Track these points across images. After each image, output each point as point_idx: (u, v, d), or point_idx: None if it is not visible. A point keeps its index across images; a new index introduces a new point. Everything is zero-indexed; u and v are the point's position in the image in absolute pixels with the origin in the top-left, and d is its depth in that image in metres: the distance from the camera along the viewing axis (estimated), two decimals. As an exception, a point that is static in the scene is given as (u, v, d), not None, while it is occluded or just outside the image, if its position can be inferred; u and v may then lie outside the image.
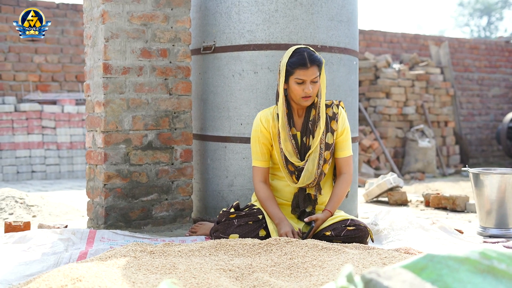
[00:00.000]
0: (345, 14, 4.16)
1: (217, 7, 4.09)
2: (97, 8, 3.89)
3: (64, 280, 2.28)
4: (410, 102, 11.24)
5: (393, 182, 5.62)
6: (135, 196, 3.91)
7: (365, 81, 11.41)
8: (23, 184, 7.94)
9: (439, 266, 1.61)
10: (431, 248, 3.23)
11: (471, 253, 1.69)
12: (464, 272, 1.64)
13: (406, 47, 12.90)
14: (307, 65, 3.22)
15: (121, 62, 3.85)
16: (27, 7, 8.91)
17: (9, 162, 8.39)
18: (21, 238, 3.40)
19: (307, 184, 3.34)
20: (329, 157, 3.36)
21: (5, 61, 8.86)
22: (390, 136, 10.99)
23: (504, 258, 1.75)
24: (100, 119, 3.86)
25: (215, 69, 4.11)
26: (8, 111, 8.37)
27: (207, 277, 2.43)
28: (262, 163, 3.42)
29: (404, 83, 11.20)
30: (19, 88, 8.95)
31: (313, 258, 2.75)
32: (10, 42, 8.88)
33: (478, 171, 3.90)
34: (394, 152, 11.01)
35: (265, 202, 3.34)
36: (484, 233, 3.88)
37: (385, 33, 12.65)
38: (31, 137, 8.52)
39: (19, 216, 4.34)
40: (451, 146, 11.91)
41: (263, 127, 3.40)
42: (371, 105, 11.19)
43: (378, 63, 11.38)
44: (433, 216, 4.79)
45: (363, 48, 12.22)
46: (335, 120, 3.37)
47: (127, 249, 2.80)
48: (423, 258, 1.61)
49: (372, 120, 11.09)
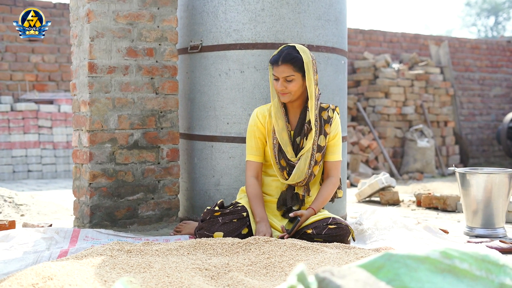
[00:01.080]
0: (332, 13, 4.15)
1: (204, 6, 4.09)
2: (82, 7, 3.89)
3: (35, 279, 2.28)
4: (409, 102, 11.21)
5: (385, 181, 5.61)
6: (121, 195, 3.91)
7: (364, 80, 11.40)
8: (19, 183, 7.96)
9: (396, 265, 1.60)
10: (412, 248, 3.22)
11: (432, 252, 1.68)
12: (423, 271, 1.63)
13: (406, 47, 12.86)
14: (278, 62, 3.30)
15: (107, 61, 3.85)
16: (24, 7, 8.93)
17: (5, 161, 8.41)
18: (4, 236, 3.40)
19: (297, 182, 3.37)
20: (320, 159, 3.40)
21: (2, 61, 8.87)
22: (389, 136, 10.97)
23: (466, 257, 1.74)
24: (85, 118, 3.86)
25: (202, 68, 4.11)
26: (4, 110, 8.39)
27: (181, 276, 2.43)
28: (256, 157, 3.46)
29: (403, 83, 11.18)
30: (15, 88, 8.97)
31: (290, 258, 2.75)
32: (7, 42, 8.89)
33: (464, 170, 3.89)
34: (393, 152, 10.99)
35: (253, 199, 3.36)
36: (470, 233, 3.87)
37: (385, 33, 12.62)
38: (27, 137, 8.53)
39: (7, 215, 4.34)
40: (451, 146, 11.88)
41: (259, 122, 3.45)
42: (370, 105, 11.17)
43: (377, 62, 11.36)
44: (423, 216, 4.78)
45: (362, 47, 12.19)
46: (329, 123, 3.41)
47: (104, 248, 2.80)
48: (381, 257, 1.61)
49: (371, 120, 11.07)
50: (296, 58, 3.30)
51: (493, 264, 1.77)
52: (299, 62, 3.29)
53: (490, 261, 1.77)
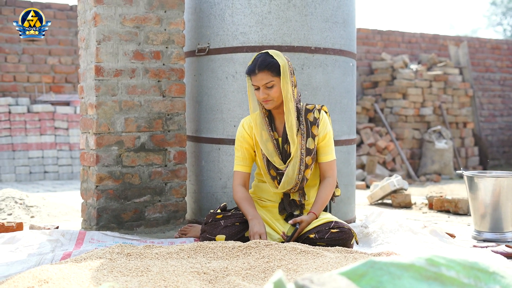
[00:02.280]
0: (340, 16, 4.14)
1: (211, 9, 4.09)
2: (89, 10, 3.91)
3: (31, 282, 2.30)
4: (427, 103, 11.14)
5: (396, 184, 5.58)
6: (128, 197, 3.93)
7: (381, 81, 11.34)
8: (35, 184, 8.03)
9: (379, 272, 1.58)
10: (416, 252, 3.20)
11: (417, 259, 1.66)
12: (407, 279, 1.61)
13: (425, 47, 12.77)
14: (255, 71, 3.28)
15: (113, 64, 3.87)
16: (41, 9, 9.01)
17: (22, 162, 8.49)
18: (10, 238, 3.43)
19: (288, 189, 3.35)
20: (311, 162, 3.36)
21: (19, 63, 8.96)
22: (407, 137, 10.90)
23: (453, 265, 1.72)
24: (92, 121, 3.89)
25: (209, 71, 4.12)
26: (21, 112, 8.47)
27: (177, 280, 2.43)
28: (243, 167, 3.45)
29: (421, 83, 11.11)
30: (32, 90, 9.06)
31: (289, 262, 2.74)
32: (24, 44, 8.98)
33: (472, 174, 3.85)
34: (410, 154, 10.92)
35: (241, 202, 3.36)
36: (478, 237, 3.83)
37: (403, 33, 12.54)
38: (43, 138, 8.61)
39: (17, 217, 4.39)
40: (470, 148, 11.77)
41: (246, 133, 3.43)
42: (388, 106, 11.11)
43: (395, 63, 11.30)
44: (434, 219, 4.74)
45: (380, 48, 12.13)
46: (315, 125, 3.36)
47: (104, 251, 2.82)
48: (364, 264, 1.59)
49: (389, 121, 11.01)
50: (272, 63, 3.27)
51: (482, 272, 1.75)
52: (275, 67, 3.27)
53: (479, 269, 1.75)
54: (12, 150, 8.45)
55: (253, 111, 3.41)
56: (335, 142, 4.10)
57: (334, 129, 4.10)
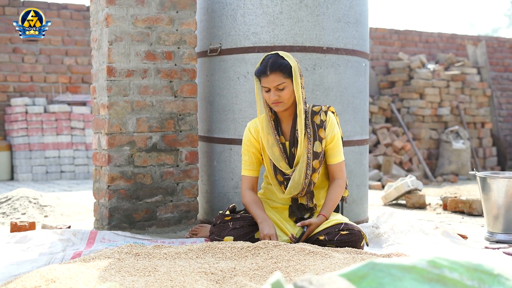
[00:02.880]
0: (353, 15, 4.12)
1: (223, 9, 4.10)
2: (101, 11, 3.93)
3: (39, 281, 2.32)
4: (445, 103, 11.08)
5: (410, 184, 5.54)
6: (139, 197, 3.95)
7: (398, 81, 11.29)
8: (51, 183, 8.09)
9: (380, 274, 1.57)
10: (425, 253, 3.18)
11: (419, 261, 1.65)
12: (408, 280, 1.60)
13: (443, 47, 12.70)
14: (267, 73, 3.20)
15: (125, 65, 3.89)
16: (57, 9, 9.07)
17: (39, 162, 8.56)
18: (22, 238, 3.46)
19: (295, 194, 3.33)
20: (318, 165, 3.32)
21: (36, 63, 9.03)
22: (424, 137, 10.84)
23: (457, 267, 1.70)
24: (104, 121, 3.91)
25: (221, 71, 4.12)
26: (38, 112, 8.54)
27: (184, 280, 2.44)
28: (250, 172, 3.43)
29: (438, 83, 11.04)
30: (49, 90, 9.13)
31: (297, 263, 2.73)
32: (41, 45, 9.05)
33: (484, 175, 3.82)
34: (427, 154, 10.86)
35: (250, 205, 3.34)
36: (491, 239, 3.80)
37: (420, 33, 12.48)
38: (60, 138, 8.67)
39: (31, 216, 4.42)
40: (488, 148, 11.69)
41: (252, 137, 3.40)
42: (405, 106, 11.06)
43: (412, 63, 11.24)
44: (447, 220, 4.71)
45: (397, 48, 12.08)
46: (322, 128, 3.31)
47: (112, 251, 2.83)
48: (365, 266, 1.59)
49: (406, 122, 10.96)
50: (283, 64, 3.22)
51: (486, 274, 1.73)
52: (287, 68, 3.21)
53: (483, 271, 1.73)
54: (29, 150, 8.52)
55: (260, 114, 3.37)
56: (348, 143, 4.09)
57: (347, 130, 4.09)
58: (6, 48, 8.82)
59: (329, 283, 1.47)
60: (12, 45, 8.85)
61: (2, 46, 8.80)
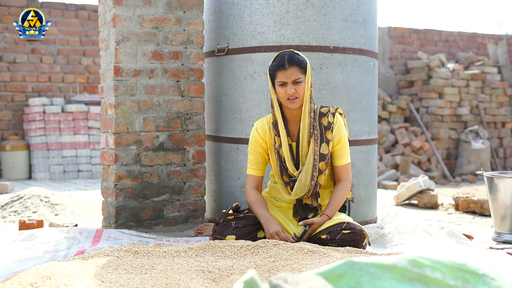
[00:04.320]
0: (360, 15, 4.11)
1: (230, 9, 4.11)
2: (109, 12, 3.97)
3: (35, 278, 2.35)
4: (464, 102, 10.98)
5: (422, 184, 5.51)
6: (146, 196, 3.97)
7: (417, 81, 11.22)
8: (68, 182, 8.17)
9: (359, 273, 1.57)
10: (426, 253, 3.16)
11: (400, 260, 1.65)
12: (388, 279, 1.60)
13: (463, 46, 12.58)
14: (285, 66, 3.21)
15: (132, 64, 3.92)
16: (75, 10, 9.16)
17: (56, 161, 8.65)
18: (29, 236, 3.50)
19: (301, 196, 3.33)
20: (325, 167, 3.32)
21: (54, 63, 9.13)
22: (443, 137, 10.76)
23: (439, 266, 1.70)
24: (111, 121, 3.94)
25: (229, 71, 4.13)
26: (55, 112, 8.63)
27: (180, 278, 2.45)
28: (256, 171, 3.44)
29: (458, 83, 10.95)
30: (67, 90, 9.22)
31: (295, 262, 2.73)
32: (59, 45, 9.14)
33: (491, 175, 3.79)
34: (446, 154, 10.78)
35: (254, 204, 3.35)
36: (498, 239, 3.77)
37: (440, 32, 12.37)
38: (77, 137, 8.76)
39: (41, 215, 4.47)
40: (509, 148, 11.57)
41: (260, 137, 3.41)
42: (424, 105, 10.99)
43: (431, 62, 11.16)
44: (458, 220, 4.68)
45: (417, 47, 12.00)
46: (330, 130, 3.31)
47: (112, 249, 2.86)
48: (343, 264, 1.58)
49: (424, 121, 10.89)
50: (301, 59, 3.25)
51: (471, 274, 1.72)
52: (304, 64, 3.24)
53: (467, 270, 1.72)
54: (47, 149, 8.61)
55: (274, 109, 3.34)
56: (355, 142, 4.09)
57: (354, 129, 4.08)
58: (24, 48, 8.92)
59: (305, 281, 1.48)
60: (31, 45, 8.95)
61: (20, 47, 8.91)
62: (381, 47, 11.46)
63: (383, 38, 11.53)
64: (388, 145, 10.27)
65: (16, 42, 8.87)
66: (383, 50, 11.51)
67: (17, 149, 8.60)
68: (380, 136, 10.18)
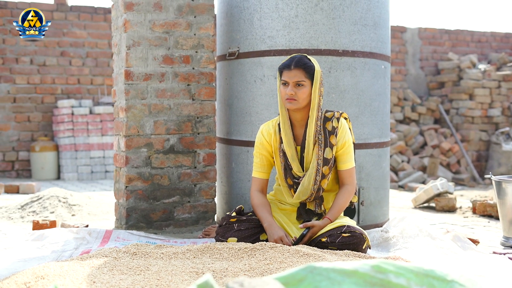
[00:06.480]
0: (370, 18, 4.12)
1: (240, 13, 4.16)
2: (120, 17, 4.05)
3: (30, 278, 2.43)
4: (495, 103, 10.84)
5: (440, 187, 5.48)
6: (157, 198, 4.04)
7: (448, 82, 11.11)
8: (95, 183, 8.31)
9: (319, 278, 1.60)
10: (426, 258, 3.16)
11: (362, 266, 1.67)
12: (348, 285, 1.62)
13: (496, 46, 12.40)
14: (291, 66, 3.28)
15: (143, 69, 3.99)
16: (104, 14, 9.30)
17: (84, 162, 8.81)
18: (39, 236, 3.60)
19: (304, 199, 3.36)
20: (328, 172, 3.35)
21: (83, 66, 9.29)
22: (473, 139, 10.64)
23: (404, 272, 1.71)
24: (123, 124, 4.02)
25: (239, 74, 4.18)
26: (83, 113, 8.79)
27: (171, 279, 2.51)
28: (261, 174, 3.48)
29: (489, 84, 10.81)
30: (95, 92, 9.37)
31: (289, 265, 2.77)
32: (88, 48, 9.30)
33: (499, 179, 3.76)
34: (477, 156, 10.66)
35: (258, 207, 3.38)
36: (506, 243, 3.74)
37: (472, 32, 12.22)
38: (105, 139, 8.90)
39: (58, 215, 4.58)
40: (542, 150, 11.37)
41: (265, 140, 3.46)
42: (454, 107, 10.87)
43: (462, 63, 11.04)
44: (472, 223, 4.65)
45: (448, 48, 11.87)
46: (334, 134, 3.35)
47: (111, 250, 2.93)
48: (304, 269, 1.61)
49: (455, 123, 10.78)
50: (309, 64, 3.30)
51: (438, 280, 1.73)
52: (311, 69, 3.29)
53: (435, 276, 1.73)
54: (75, 150, 8.77)
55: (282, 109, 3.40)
56: (365, 145, 4.10)
57: (364, 132, 4.09)
58: (54, 51, 9.10)
59: (261, 285, 1.51)
60: (60, 48, 9.13)
61: (50, 50, 9.09)
62: (411, 48, 11.38)
63: (413, 39, 11.45)
64: (416, 146, 10.19)
65: (46, 46, 9.05)
66: (413, 51, 11.43)
67: (46, 150, 8.78)
68: (409, 138, 10.12)
